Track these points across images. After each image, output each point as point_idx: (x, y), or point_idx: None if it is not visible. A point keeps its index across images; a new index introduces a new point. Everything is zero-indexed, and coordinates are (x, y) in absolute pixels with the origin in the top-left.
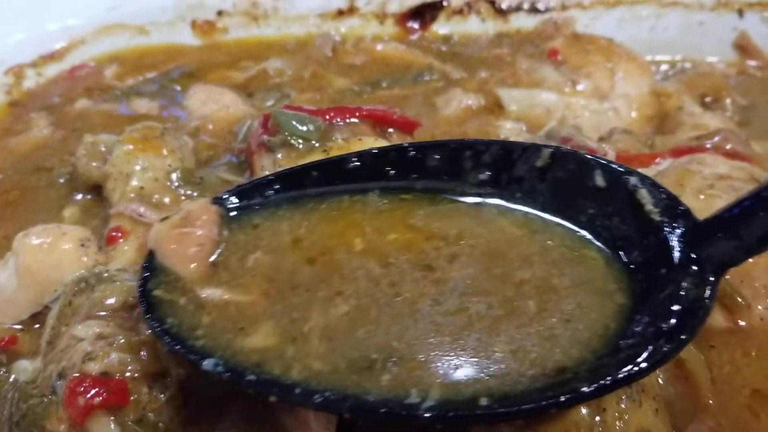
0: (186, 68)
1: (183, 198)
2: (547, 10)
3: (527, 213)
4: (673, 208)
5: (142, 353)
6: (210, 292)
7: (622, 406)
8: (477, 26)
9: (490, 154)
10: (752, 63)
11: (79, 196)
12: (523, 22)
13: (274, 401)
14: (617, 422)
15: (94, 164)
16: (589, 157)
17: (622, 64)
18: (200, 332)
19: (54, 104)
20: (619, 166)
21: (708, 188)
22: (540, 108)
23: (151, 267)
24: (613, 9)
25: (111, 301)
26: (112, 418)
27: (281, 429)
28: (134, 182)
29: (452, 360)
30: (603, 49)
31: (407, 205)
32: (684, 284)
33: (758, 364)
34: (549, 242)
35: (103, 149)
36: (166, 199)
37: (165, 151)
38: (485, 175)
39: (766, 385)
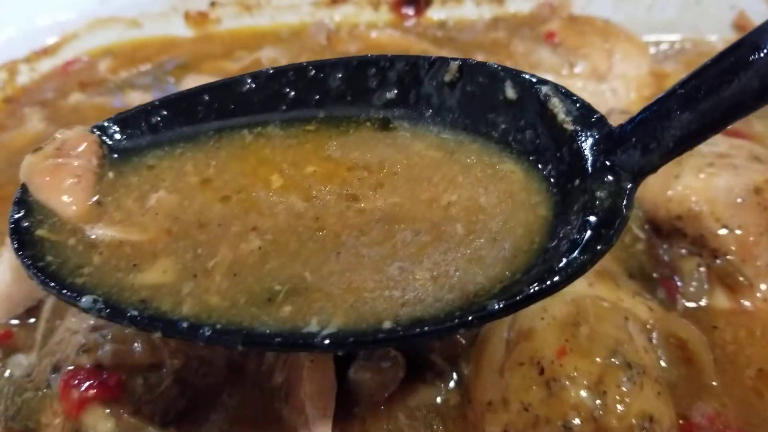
0: (179, 60)
1: None
2: None
3: (440, 134)
4: (587, 116)
5: (136, 344)
6: (101, 232)
7: (623, 389)
8: (472, 11)
9: (395, 71)
10: None
11: None
12: (519, 5)
13: (159, 337)
14: (618, 405)
15: None
16: (498, 67)
17: (619, 45)
18: (86, 270)
19: (48, 99)
20: (531, 76)
21: (708, 166)
22: None
23: (25, 202)
24: None
25: None
26: (106, 410)
27: (278, 416)
28: None
29: (366, 290)
30: (600, 30)
31: (315, 137)
32: (599, 194)
33: (763, 344)
34: (468, 160)
35: None
36: None
37: None
38: (392, 93)
39: None
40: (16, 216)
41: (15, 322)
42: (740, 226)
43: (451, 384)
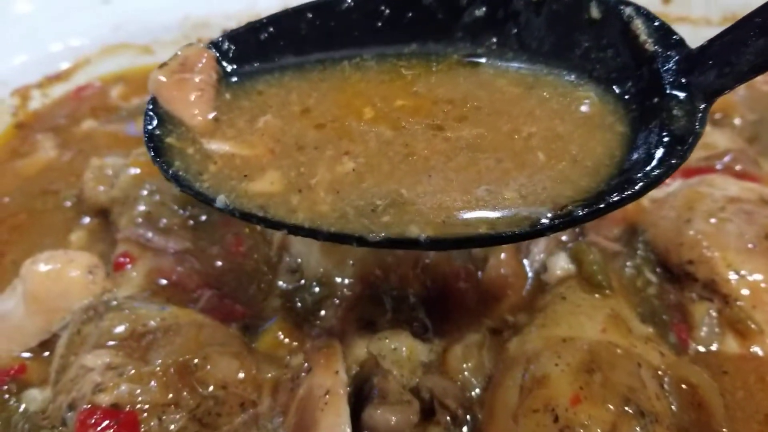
0: None
1: (191, 223)
2: None
3: (520, 69)
4: (667, 37)
5: (152, 383)
6: (216, 146)
7: None
8: None
9: None
10: (760, 77)
11: (86, 220)
12: None
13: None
14: None
15: (101, 188)
16: None
17: None
18: (206, 177)
19: (60, 125)
20: None
21: (719, 211)
22: None
23: (156, 114)
24: None
25: (120, 329)
26: None
27: None
28: (141, 207)
29: (456, 209)
30: None
31: (407, 74)
32: (675, 112)
33: None
34: (545, 94)
35: (110, 173)
36: (174, 223)
37: None
38: (481, 11)
39: None
40: (150, 126)
41: (28, 354)
42: (751, 271)
43: (465, 429)
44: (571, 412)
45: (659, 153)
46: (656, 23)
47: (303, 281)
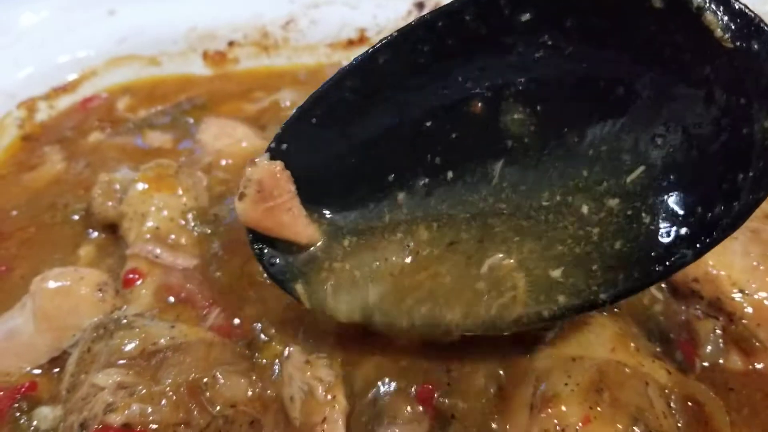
0: (198, 100)
1: (196, 233)
2: None
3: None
4: (748, 28)
5: (163, 403)
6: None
7: None
8: None
9: None
10: None
11: (95, 235)
12: None
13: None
14: None
15: (110, 203)
16: None
17: None
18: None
19: (67, 137)
20: None
21: None
22: None
23: (263, 245)
24: None
25: (130, 348)
26: None
27: None
28: (150, 223)
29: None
30: None
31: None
32: (765, 123)
33: None
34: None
35: (118, 188)
36: (182, 240)
37: (180, 191)
38: (526, 16)
39: None
40: (266, 262)
41: (38, 371)
42: (756, 290)
43: None
44: (582, 431)
45: (745, 178)
46: (734, 12)
47: None
